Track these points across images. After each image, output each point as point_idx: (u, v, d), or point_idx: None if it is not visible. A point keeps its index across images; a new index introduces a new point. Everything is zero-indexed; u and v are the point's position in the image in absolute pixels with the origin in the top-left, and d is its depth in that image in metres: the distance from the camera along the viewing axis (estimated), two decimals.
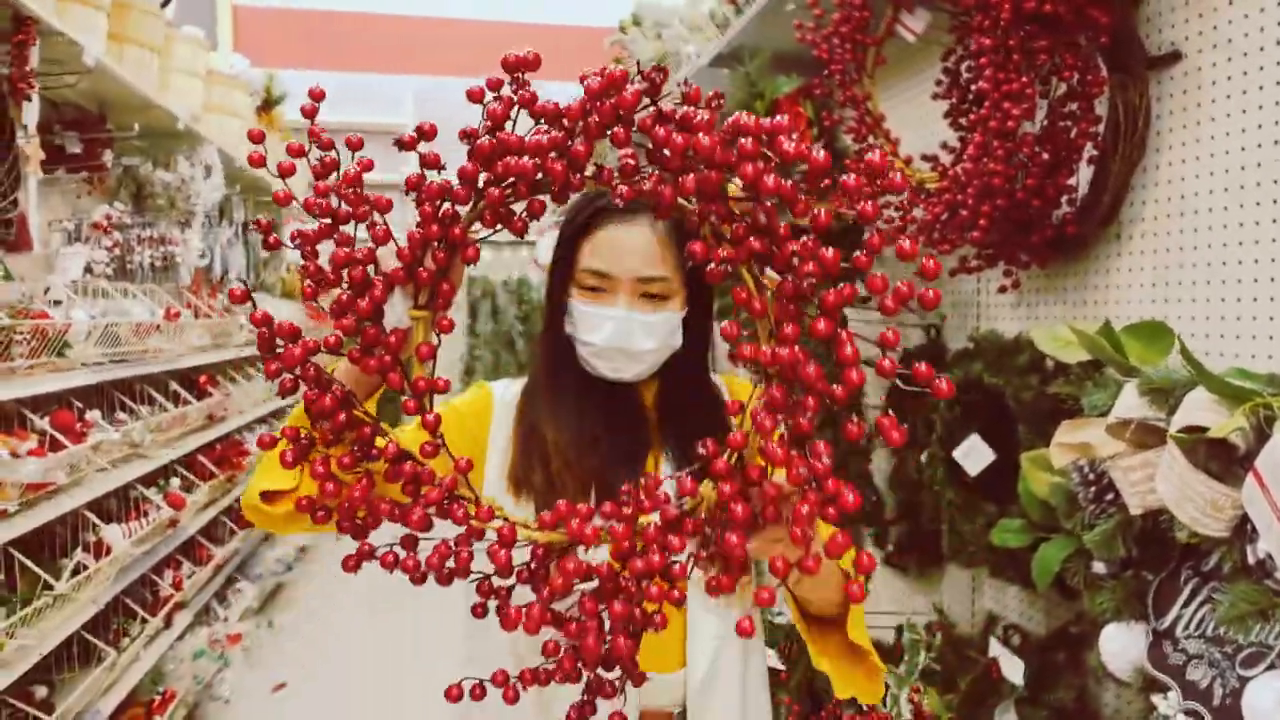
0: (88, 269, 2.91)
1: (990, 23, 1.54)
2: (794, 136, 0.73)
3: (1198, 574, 1.23)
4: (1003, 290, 1.81)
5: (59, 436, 2.37)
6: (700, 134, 0.73)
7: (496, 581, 0.83)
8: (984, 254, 1.82)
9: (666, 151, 0.76)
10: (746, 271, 0.77)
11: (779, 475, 0.77)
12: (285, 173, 0.86)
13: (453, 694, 0.84)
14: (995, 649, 1.75)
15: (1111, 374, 1.56)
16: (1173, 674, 1.21)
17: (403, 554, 0.81)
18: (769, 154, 0.72)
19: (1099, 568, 1.35)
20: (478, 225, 0.86)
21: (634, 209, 1.12)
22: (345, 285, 0.84)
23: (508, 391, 1.23)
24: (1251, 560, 1.01)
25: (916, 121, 2.35)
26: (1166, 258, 1.56)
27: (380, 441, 0.83)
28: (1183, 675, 1.19)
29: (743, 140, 0.71)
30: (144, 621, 2.91)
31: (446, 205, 0.84)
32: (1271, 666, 1.07)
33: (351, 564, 0.83)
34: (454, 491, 0.82)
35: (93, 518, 2.54)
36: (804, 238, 0.75)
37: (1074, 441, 1.28)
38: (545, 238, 6.97)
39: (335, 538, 1.06)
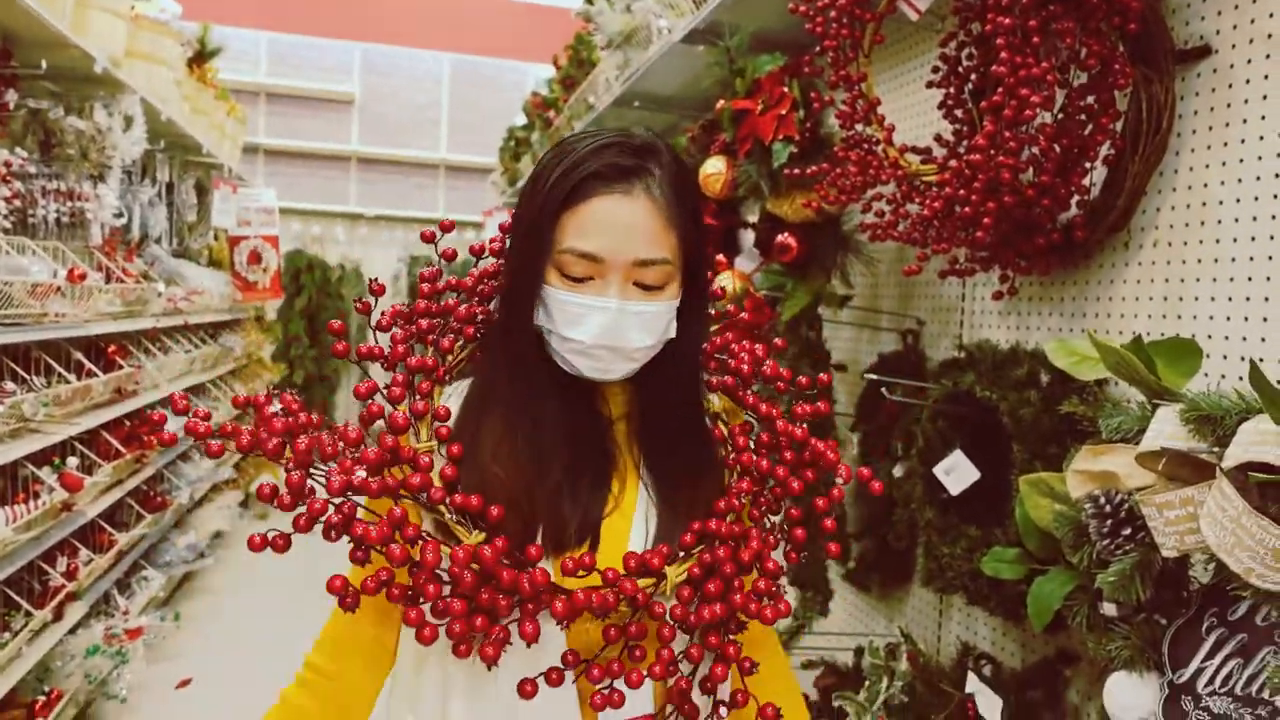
0: None
1: (1009, 1, 1.40)
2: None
3: (1223, 623, 1.10)
4: (998, 297, 1.68)
5: None
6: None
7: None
8: (977, 256, 1.69)
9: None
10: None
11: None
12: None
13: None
14: (973, 684, 1.62)
15: (1124, 394, 1.44)
16: None
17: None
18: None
19: (1108, 609, 1.22)
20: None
21: (628, 173, 0.92)
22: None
23: (450, 400, 1.01)
24: None
25: (904, 111, 2.21)
26: (1182, 269, 1.44)
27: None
28: None
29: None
30: (28, 614, 2.62)
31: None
32: None
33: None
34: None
35: None
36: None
37: (1095, 469, 1.14)
38: (494, 219, 6.72)
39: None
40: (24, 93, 2.97)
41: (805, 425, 1.01)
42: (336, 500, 0.84)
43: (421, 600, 0.85)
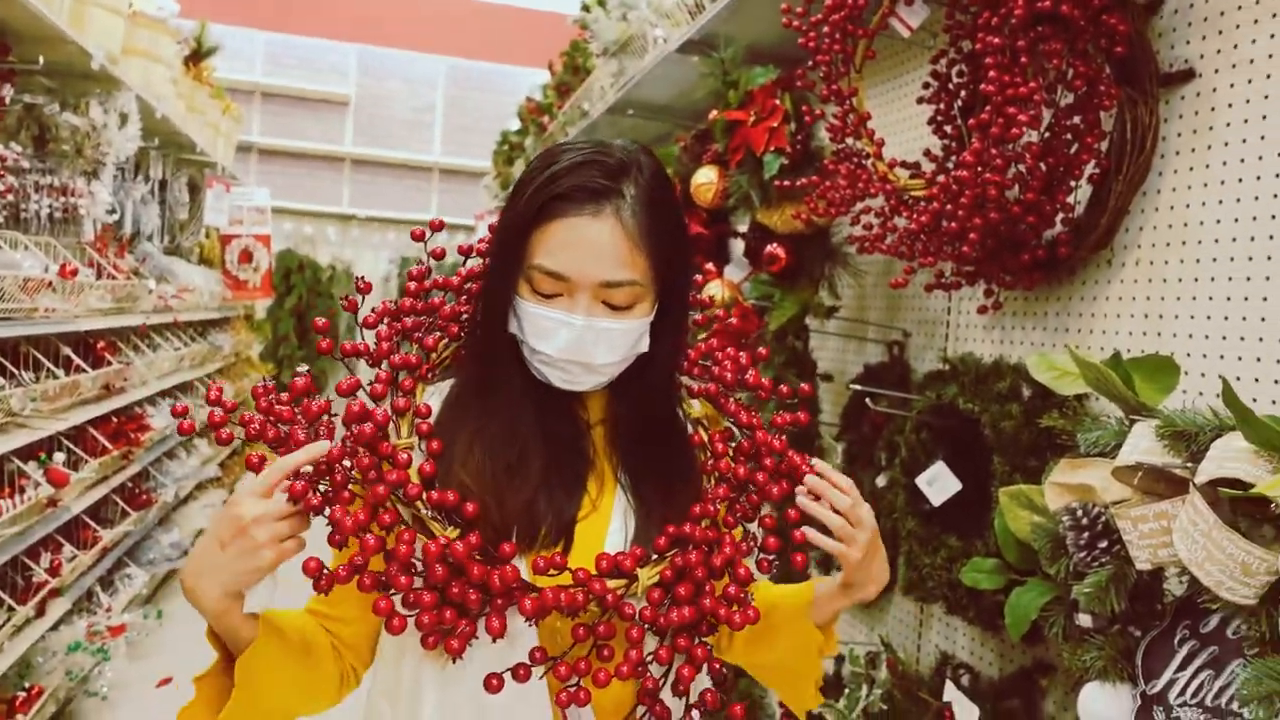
0: None
1: (999, 21, 1.43)
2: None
3: (1195, 635, 1.13)
4: (982, 311, 1.70)
5: None
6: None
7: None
8: (963, 270, 1.71)
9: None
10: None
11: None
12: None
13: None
14: (950, 693, 1.64)
15: (1104, 409, 1.46)
16: None
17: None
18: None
19: (1084, 620, 1.24)
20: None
21: (597, 195, 0.93)
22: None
23: (432, 398, 1.03)
24: None
25: (894, 126, 2.23)
26: (1162, 288, 1.47)
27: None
28: None
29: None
30: (11, 610, 2.62)
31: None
32: None
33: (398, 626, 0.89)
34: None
35: None
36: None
37: (1072, 482, 1.16)
38: (486, 222, 6.74)
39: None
40: (19, 88, 2.96)
41: (784, 436, 1.03)
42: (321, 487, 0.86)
43: (392, 591, 0.86)
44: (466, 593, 0.86)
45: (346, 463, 0.87)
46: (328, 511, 0.85)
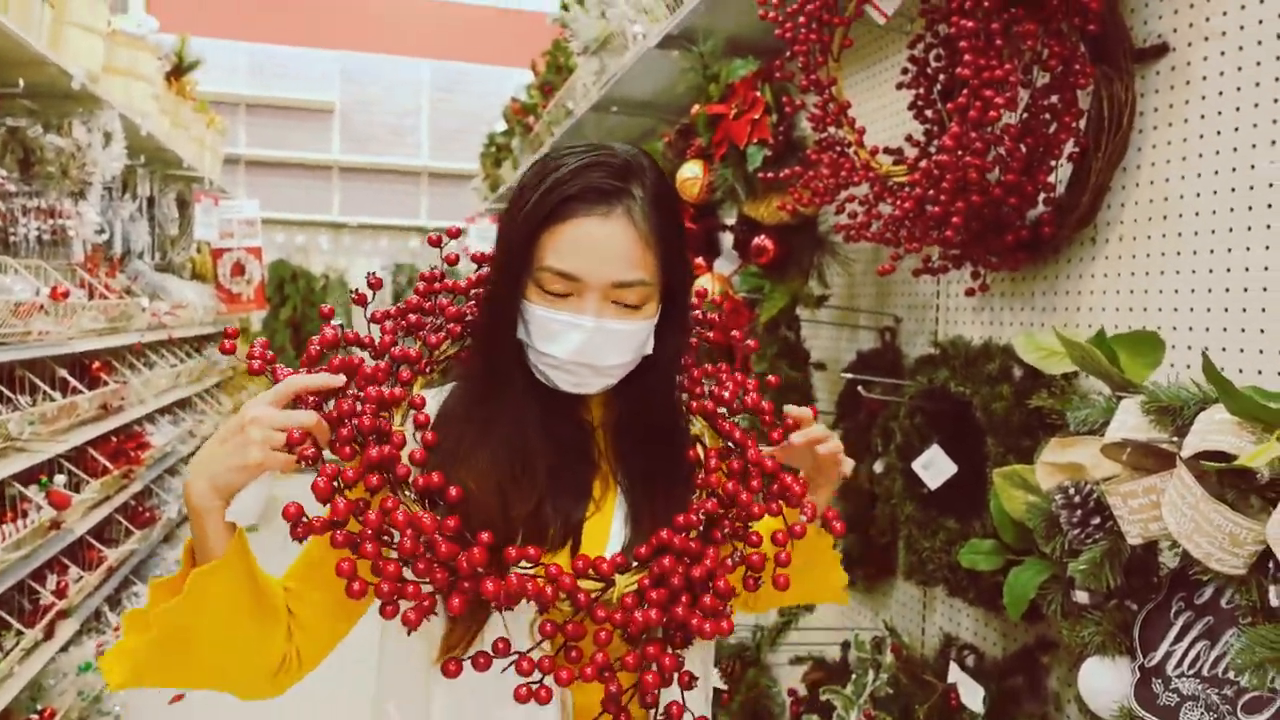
0: None
1: (973, 4, 1.43)
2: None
3: (1190, 607, 1.14)
4: (970, 293, 1.71)
5: None
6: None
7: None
8: (949, 254, 1.72)
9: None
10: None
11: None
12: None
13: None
14: (955, 674, 1.65)
15: (1093, 387, 1.47)
16: (1164, 716, 1.11)
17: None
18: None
19: (1081, 596, 1.25)
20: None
21: (608, 195, 0.93)
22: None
23: (430, 403, 1.02)
24: (1276, 602, 0.91)
25: (876, 113, 2.24)
26: (1146, 263, 1.48)
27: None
28: (1176, 718, 1.09)
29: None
30: (19, 633, 2.62)
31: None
32: (1278, 714, 0.98)
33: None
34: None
35: None
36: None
37: (1063, 461, 1.17)
38: (476, 225, 6.74)
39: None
40: (2, 111, 2.97)
41: (775, 457, 1.01)
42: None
43: (355, 553, 0.86)
44: (433, 569, 0.86)
45: (354, 419, 0.89)
46: (319, 466, 0.86)
